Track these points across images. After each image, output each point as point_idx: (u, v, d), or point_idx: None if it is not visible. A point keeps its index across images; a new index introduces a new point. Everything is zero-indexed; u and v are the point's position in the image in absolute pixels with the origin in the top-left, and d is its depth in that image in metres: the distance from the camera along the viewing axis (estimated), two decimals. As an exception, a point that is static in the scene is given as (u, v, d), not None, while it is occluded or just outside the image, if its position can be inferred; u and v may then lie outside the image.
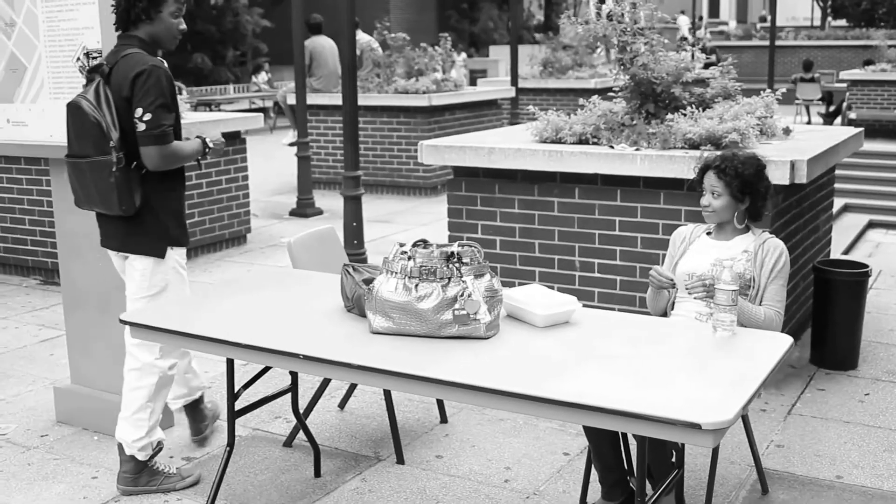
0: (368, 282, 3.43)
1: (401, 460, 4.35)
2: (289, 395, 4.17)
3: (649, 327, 3.45)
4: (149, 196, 3.89)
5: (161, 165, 3.83)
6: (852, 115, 16.35)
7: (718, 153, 4.01)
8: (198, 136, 4.05)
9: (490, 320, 3.24)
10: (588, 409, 2.67)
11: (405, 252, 3.30)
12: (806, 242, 5.91)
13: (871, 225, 12.10)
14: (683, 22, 34.47)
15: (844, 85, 18.29)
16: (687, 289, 3.65)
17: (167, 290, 4.03)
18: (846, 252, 9.91)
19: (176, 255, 4.05)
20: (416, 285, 3.24)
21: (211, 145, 4.06)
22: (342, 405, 4.99)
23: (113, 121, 3.76)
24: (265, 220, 10.31)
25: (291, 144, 11.54)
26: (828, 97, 19.97)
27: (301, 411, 4.32)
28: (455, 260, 3.26)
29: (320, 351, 3.16)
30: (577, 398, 2.70)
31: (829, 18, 38.42)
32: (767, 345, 3.16)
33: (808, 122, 19.43)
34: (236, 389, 3.76)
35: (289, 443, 4.54)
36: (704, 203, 3.94)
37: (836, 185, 7.66)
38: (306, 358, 3.13)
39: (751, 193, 3.88)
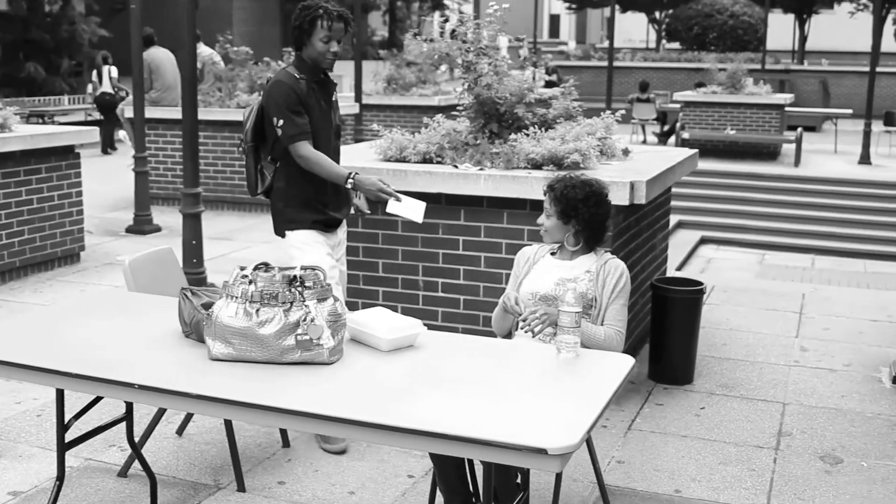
0: (207, 306, 3.32)
1: (241, 488, 4.22)
2: (124, 423, 3.99)
3: (494, 350, 3.44)
4: (276, 185, 4.63)
5: (299, 163, 4.50)
6: (685, 135, 16.97)
7: (561, 174, 4.04)
8: (351, 171, 4.52)
9: (333, 345, 3.17)
10: (433, 436, 2.64)
11: (246, 276, 3.20)
12: (644, 260, 6.06)
13: (703, 241, 12.58)
14: (503, 44, 35.04)
15: (678, 105, 18.98)
16: (523, 329, 3.66)
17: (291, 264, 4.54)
18: (680, 267, 10.25)
19: (298, 236, 4.63)
20: (258, 310, 3.15)
21: (349, 185, 4.47)
22: (180, 431, 4.82)
23: (250, 119, 4.59)
24: (100, 237, 9.94)
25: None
26: (662, 117, 20.69)
27: (137, 439, 4.15)
28: (297, 284, 3.19)
29: (156, 380, 3.03)
30: (422, 425, 2.66)
31: (664, 41, 39.91)
32: (610, 366, 3.20)
33: (644, 141, 20.09)
34: (66, 420, 3.58)
35: (123, 473, 4.34)
36: (539, 222, 3.99)
37: (671, 203, 7.90)
38: (141, 388, 2.99)
39: (575, 217, 3.90)
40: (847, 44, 42.35)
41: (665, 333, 5.70)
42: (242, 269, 3.24)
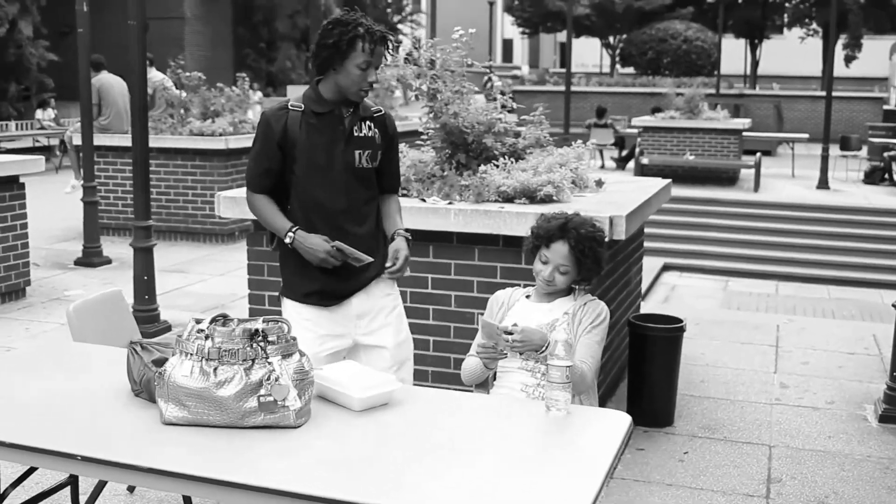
0: (159, 363, 2.99)
1: (199, 553, 3.89)
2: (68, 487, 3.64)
3: (475, 407, 3.14)
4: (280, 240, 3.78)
5: None
6: (644, 161, 16.85)
7: (562, 219, 3.69)
8: (294, 225, 3.69)
9: (300, 406, 2.85)
10: (418, 516, 2.33)
11: (202, 330, 2.88)
12: (620, 297, 5.80)
13: (665, 268, 12.39)
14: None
15: (636, 131, 18.86)
16: (513, 348, 3.42)
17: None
18: (644, 296, 10.04)
19: (287, 307, 3.84)
20: (215, 369, 2.82)
21: (289, 240, 3.67)
22: (131, 488, 4.46)
23: None
24: (47, 270, 9.50)
25: (74, 189, 10.70)
26: (620, 142, 20.57)
27: (84, 501, 3.79)
28: (259, 338, 2.87)
29: (100, 449, 2.68)
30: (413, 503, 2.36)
31: (618, 66, 40.02)
32: (606, 425, 2.92)
33: (602, 167, 19.95)
34: (3, 489, 3.23)
35: (68, 539, 3.99)
36: (547, 278, 3.66)
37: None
38: (84, 459, 2.65)
39: (595, 271, 3.75)
40: (797, 68, 42.87)
41: (644, 373, 5.44)
42: (198, 321, 2.92)
